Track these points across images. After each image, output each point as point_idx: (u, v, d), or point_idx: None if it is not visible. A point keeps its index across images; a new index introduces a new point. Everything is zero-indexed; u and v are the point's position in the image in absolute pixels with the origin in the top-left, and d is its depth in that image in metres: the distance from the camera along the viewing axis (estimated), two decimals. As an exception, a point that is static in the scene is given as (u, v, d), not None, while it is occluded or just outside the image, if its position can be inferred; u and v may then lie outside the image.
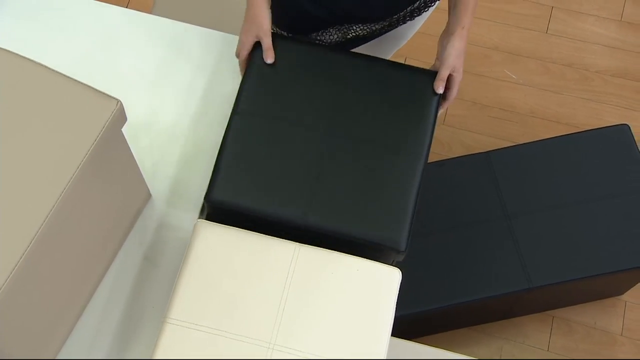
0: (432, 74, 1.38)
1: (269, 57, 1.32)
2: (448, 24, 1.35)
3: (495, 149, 1.91)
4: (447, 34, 1.35)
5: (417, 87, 1.40)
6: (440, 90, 1.34)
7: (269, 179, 1.32)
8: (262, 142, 1.35)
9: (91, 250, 1.16)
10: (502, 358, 2.08)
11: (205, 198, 1.33)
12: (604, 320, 2.12)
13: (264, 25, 1.31)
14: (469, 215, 1.84)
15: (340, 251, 1.28)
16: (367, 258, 1.33)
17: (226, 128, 1.37)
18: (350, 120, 1.36)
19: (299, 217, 1.29)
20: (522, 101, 2.37)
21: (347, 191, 1.31)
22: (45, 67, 1.01)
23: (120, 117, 1.01)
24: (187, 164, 1.34)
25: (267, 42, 1.32)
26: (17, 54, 1.01)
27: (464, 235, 1.83)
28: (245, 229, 1.30)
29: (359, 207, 1.30)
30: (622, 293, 2.13)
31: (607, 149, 1.90)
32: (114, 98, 1.01)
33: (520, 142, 1.95)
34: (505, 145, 1.94)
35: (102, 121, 0.98)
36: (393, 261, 1.38)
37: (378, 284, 1.20)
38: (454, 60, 1.33)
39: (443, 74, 1.33)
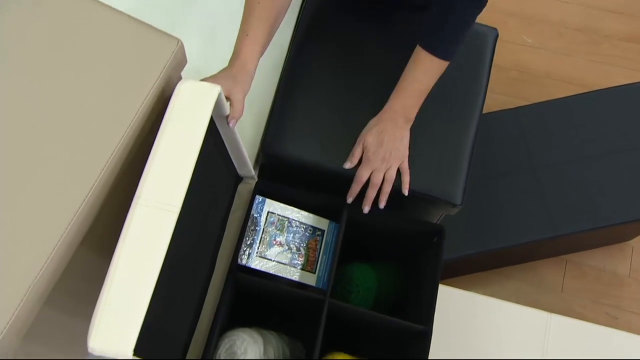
0: (490, 30, 1.14)
1: (233, 119, 0.85)
2: None
3: (523, 105, 1.70)
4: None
5: (473, 38, 1.16)
6: (347, 166, 1.07)
7: (323, 132, 1.10)
8: (314, 96, 1.13)
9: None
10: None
11: (260, 149, 1.11)
12: (613, 264, 1.94)
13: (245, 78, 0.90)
14: (499, 167, 1.64)
15: (394, 204, 1.07)
16: (420, 211, 1.12)
17: (279, 80, 1.15)
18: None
19: (352, 169, 1.07)
20: (538, 63, 2.13)
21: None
22: (109, 6, 0.78)
23: (181, 57, 0.79)
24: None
25: (238, 98, 0.86)
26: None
27: (494, 186, 1.63)
28: (299, 179, 1.10)
29: (414, 160, 1.08)
30: (630, 239, 1.93)
31: (626, 105, 1.69)
32: (174, 37, 0.78)
33: (536, 102, 1.72)
34: (522, 104, 1.71)
35: (163, 60, 0.76)
36: (442, 214, 1.17)
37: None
38: (364, 136, 1.06)
39: (354, 149, 1.07)
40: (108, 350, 0.63)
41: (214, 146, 0.86)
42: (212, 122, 0.82)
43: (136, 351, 0.64)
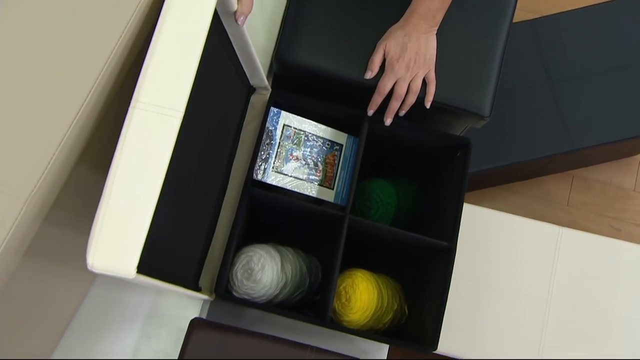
0: None
1: (242, 15, 0.70)
2: None
3: (540, 17, 1.50)
4: None
5: None
6: (368, 75, 0.91)
7: (341, 38, 0.94)
8: (330, 2, 0.95)
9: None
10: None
11: (274, 57, 0.96)
12: (619, 178, 1.83)
13: None
14: (515, 81, 1.47)
15: (416, 115, 0.92)
16: (443, 123, 0.97)
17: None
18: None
19: (374, 79, 0.92)
20: (551, -26, 1.91)
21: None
22: None
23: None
24: (249, 21, 0.95)
25: None
26: None
27: (510, 100, 1.46)
28: (315, 90, 0.95)
29: (438, 68, 0.92)
30: (637, 153, 1.79)
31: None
32: None
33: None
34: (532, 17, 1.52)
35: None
36: (466, 127, 1.03)
37: None
38: (385, 41, 0.90)
39: (373, 56, 0.91)
40: (109, 267, 0.52)
41: (223, 49, 0.71)
42: (218, 21, 0.67)
43: (141, 268, 0.53)
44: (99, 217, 0.51)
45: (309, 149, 0.95)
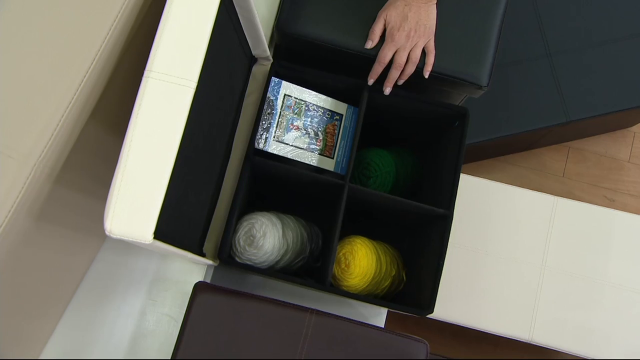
0: None
1: None
2: None
3: (540, -13, 1.52)
4: None
5: None
6: (368, 45, 0.93)
7: (342, 8, 0.96)
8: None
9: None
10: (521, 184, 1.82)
11: (275, 27, 0.98)
12: (614, 149, 1.86)
13: None
14: (512, 52, 1.49)
15: (414, 85, 0.95)
16: (441, 93, 1.00)
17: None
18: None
19: (374, 49, 0.94)
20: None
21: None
22: None
23: None
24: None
25: None
26: None
27: (507, 72, 1.49)
28: (316, 60, 0.97)
29: (438, 38, 0.95)
30: (633, 125, 1.83)
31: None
32: None
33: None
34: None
35: None
36: (464, 97, 1.06)
37: None
38: (385, 11, 0.91)
39: (373, 25, 0.92)
40: (127, 233, 0.55)
41: (228, 19, 0.73)
42: (225, -10, 0.69)
43: (156, 234, 0.56)
44: (116, 184, 0.53)
45: (309, 119, 0.98)
